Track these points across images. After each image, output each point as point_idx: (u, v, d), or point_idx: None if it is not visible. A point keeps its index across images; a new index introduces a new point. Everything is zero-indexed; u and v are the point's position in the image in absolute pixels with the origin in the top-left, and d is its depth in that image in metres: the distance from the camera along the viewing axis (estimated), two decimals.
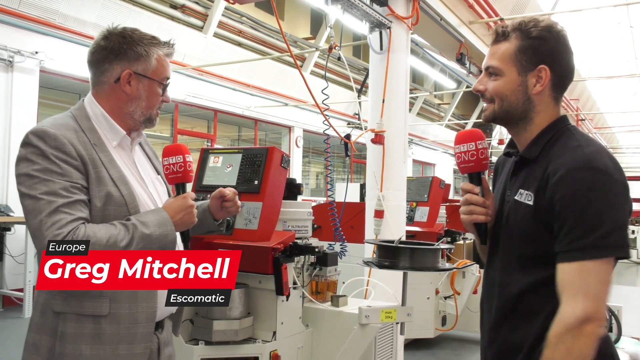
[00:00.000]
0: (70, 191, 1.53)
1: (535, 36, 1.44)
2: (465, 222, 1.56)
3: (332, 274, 3.14)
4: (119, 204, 1.62)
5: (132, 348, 1.61)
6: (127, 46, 1.69)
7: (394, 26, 4.18)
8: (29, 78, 7.30)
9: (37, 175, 1.52)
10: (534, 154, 1.46)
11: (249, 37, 11.05)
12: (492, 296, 1.54)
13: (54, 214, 1.49)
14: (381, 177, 4.07)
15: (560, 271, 1.34)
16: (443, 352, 5.53)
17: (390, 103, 4.12)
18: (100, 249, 1.50)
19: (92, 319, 1.57)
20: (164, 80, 1.75)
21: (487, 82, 1.51)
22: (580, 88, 14.58)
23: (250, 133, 12.65)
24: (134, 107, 1.72)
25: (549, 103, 1.49)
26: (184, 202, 1.70)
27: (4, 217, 6.53)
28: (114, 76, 1.70)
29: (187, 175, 1.76)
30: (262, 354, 2.66)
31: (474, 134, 1.54)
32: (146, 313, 1.63)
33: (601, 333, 1.30)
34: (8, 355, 4.97)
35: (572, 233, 1.31)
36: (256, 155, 2.83)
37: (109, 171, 1.63)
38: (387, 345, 3.10)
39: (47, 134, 1.56)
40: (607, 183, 1.32)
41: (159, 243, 1.61)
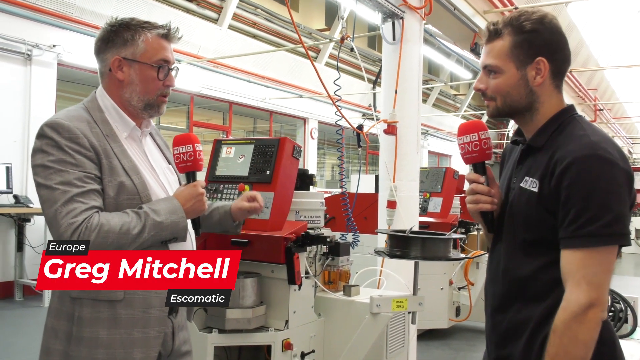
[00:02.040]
0: (84, 181, 1.58)
1: (529, 29, 1.46)
2: (472, 211, 1.60)
3: (345, 263, 3.16)
4: (131, 193, 1.66)
5: (147, 332, 1.66)
6: (114, 34, 1.73)
7: (407, 16, 4.16)
8: (47, 71, 7.39)
9: (52, 166, 1.57)
10: (541, 142, 1.49)
11: (264, 29, 11.06)
12: (496, 280, 1.58)
13: (69, 203, 1.53)
14: (394, 168, 4.07)
15: (564, 258, 1.37)
16: (457, 342, 5.53)
17: (403, 94, 4.11)
18: (113, 236, 1.55)
19: (107, 304, 1.62)
20: (158, 62, 1.75)
21: (487, 80, 1.54)
22: (599, 77, 14.36)
23: (265, 125, 12.69)
24: (129, 93, 1.74)
25: (552, 92, 1.52)
26: (194, 190, 1.73)
27: (24, 208, 6.65)
28: (108, 65, 1.74)
29: (197, 164, 1.79)
30: (275, 342, 2.69)
31: (476, 125, 1.58)
32: (159, 298, 1.65)
33: (604, 317, 1.35)
34: (29, 343, 5.08)
35: (577, 221, 1.34)
36: (268, 146, 2.85)
37: (121, 161, 1.67)
38: (399, 334, 3.12)
39: (61, 126, 1.61)
40: (612, 172, 1.35)
41: (170, 230, 1.66)
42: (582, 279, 1.33)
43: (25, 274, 6.93)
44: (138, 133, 1.80)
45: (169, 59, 1.78)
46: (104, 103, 1.76)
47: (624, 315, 4.74)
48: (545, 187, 1.41)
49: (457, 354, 5.19)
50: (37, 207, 6.72)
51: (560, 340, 1.33)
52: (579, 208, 1.34)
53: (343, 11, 4.15)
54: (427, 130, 16.83)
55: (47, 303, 6.19)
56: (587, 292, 1.32)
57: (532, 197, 1.44)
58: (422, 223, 4.90)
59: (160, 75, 1.75)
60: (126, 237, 1.58)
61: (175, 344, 1.80)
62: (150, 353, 1.67)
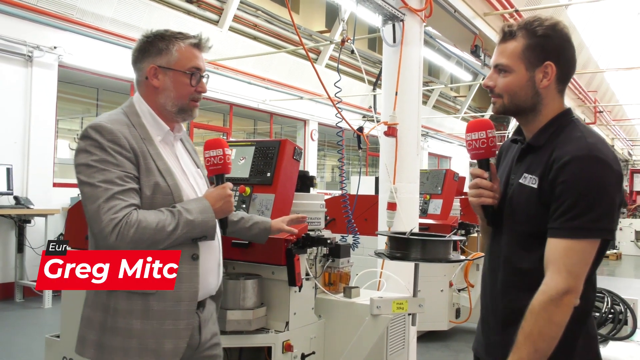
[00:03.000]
0: (124, 180, 1.71)
1: (542, 34, 1.56)
2: (474, 204, 1.70)
3: (345, 265, 3.16)
4: (165, 193, 1.79)
5: (177, 324, 1.77)
6: (150, 44, 1.86)
7: (407, 18, 4.17)
8: (48, 73, 7.40)
9: (95, 165, 1.69)
10: (541, 142, 1.60)
11: (265, 30, 11.07)
12: (496, 269, 1.69)
13: (110, 200, 1.65)
14: (394, 170, 4.08)
15: (549, 245, 1.49)
16: (457, 344, 5.54)
17: (403, 96, 4.11)
18: (150, 232, 1.67)
19: (141, 297, 1.73)
20: (190, 70, 1.87)
21: (496, 78, 1.63)
22: (599, 80, 14.36)
23: (265, 126, 12.69)
24: (164, 99, 1.87)
25: (555, 95, 1.62)
26: (223, 192, 1.86)
27: (24, 209, 6.66)
28: (144, 73, 1.87)
29: (226, 167, 1.91)
30: (275, 344, 2.69)
31: (485, 123, 1.67)
32: (189, 292, 1.79)
33: (576, 303, 1.46)
34: (29, 344, 5.09)
35: (567, 214, 1.46)
36: (269, 148, 2.86)
37: (156, 163, 1.80)
38: (399, 336, 3.12)
39: (105, 129, 1.74)
40: (605, 172, 1.46)
41: (201, 228, 1.78)
42: (563, 267, 1.45)
43: (26, 275, 6.94)
44: (171, 137, 1.93)
45: (201, 67, 1.91)
46: (141, 108, 1.88)
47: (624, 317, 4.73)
48: (544, 183, 1.52)
49: (457, 355, 5.20)
50: (37, 208, 6.74)
51: (536, 320, 1.45)
52: (570, 202, 1.45)
53: (343, 13, 4.16)
54: (427, 132, 16.83)
55: (48, 304, 6.18)
56: (566, 279, 1.44)
57: (532, 193, 1.55)
58: (422, 225, 4.91)
59: (193, 81, 1.88)
60: (161, 234, 1.70)
61: (202, 338, 1.91)
62: (180, 344, 1.78)
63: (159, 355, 1.75)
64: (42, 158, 7.33)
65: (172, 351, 1.77)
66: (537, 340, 1.45)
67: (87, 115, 10.34)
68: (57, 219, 7.07)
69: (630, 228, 15.82)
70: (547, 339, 1.45)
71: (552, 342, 1.46)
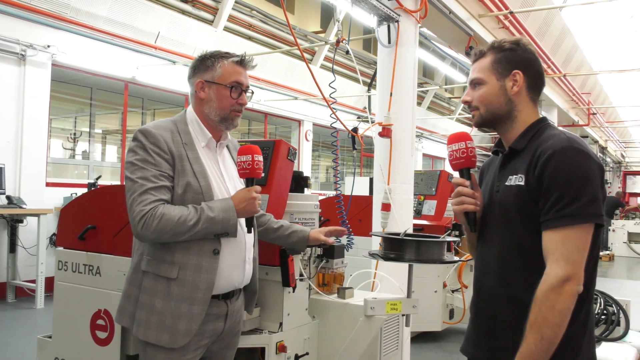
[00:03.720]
0: (158, 178, 1.96)
1: (507, 48, 1.75)
2: (457, 212, 1.80)
3: (339, 266, 3.15)
4: (196, 192, 2.01)
5: (192, 308, 2.00)
6: (200, 62, 2.14)
7: (402, 19, 4.17)
8: (41, 72, 7.36)
9: (137, 164, 1.97)
10: (522, 145, 1.71)
11: (259, 30, 11.06)
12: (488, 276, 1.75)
13: (143, 195, 1.92)
14: (388, 171, 4.08)
15: (545, 239, 1.56)
16: (450, 345, 5.54)
17: (398, 97, 4.12)
18: (172, 224, 1.91)
19: (165, 280, 2.00)
20: (231, 84, 2.11)
21: (472, 93, 1.79)
22: (592, 82, 14.42)
23: (260, 127, 12.68)
24: (208, 109, 2.12)
25: (528, 103, 1.76)
26: (248, 194, 2.04)
27: (17, 209, 6.61)
28: (194, 87, 2.15)
29: (254, 172, 2.08)
30: (269, 345, 2.68)
31: (463, 136, 1.81)
32: (206, 283, 2.01)
33: (579, 290, 1.52)
34: (22, 344, 5.06)
35: (557, 205, 1.53)
36: (263, 148, 2.84)
37: (192, 165, 2.04)
38: (392, 337, 3.12)
39: (149, 132, 2.01)
40: (587, 162, 1.56)
41: (222, 225, 1.99)
42: (561, 256, 1.51)
43: (18, 275, 6.90)
44: (214, 144, 2.17)
45: (242, 82, 2.15)
46: (190, 117, 2.16)
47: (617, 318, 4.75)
48: (530, 178, 1.60)
49: (451, 356, 5.20)
50: (29, 208, 6.70)
51: (540, 308, 1.50)
52: (558, 193, 1.53)
53: (339, 14, 4.15)
54: (422, 133, 16.86)
55: (40, 305, 6.14)
56: (565, 267, 1.50)
57: (520, 190, 1.63)
58: (416, 226, 4.91)
59: (234, 94, 2.12)
60: (182, 227, 1.92)
61: (227, 325, 2.16)
62: (192, 326, 2.00)
63: (173, 333, 1.98)
64: (35, 157, 7.29)
65: (185, 331, 1.99)
66: (542, 327, 1.50)
67: (80, 115, 10.29)
68: (49, 219, 7.03)
69: (623, 229, 15.92)
70: (551, 325, 1.49)
71: (558, 329, 1.50)
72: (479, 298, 1.79)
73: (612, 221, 16.28)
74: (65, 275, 2.94)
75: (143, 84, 8.95)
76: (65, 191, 7.67)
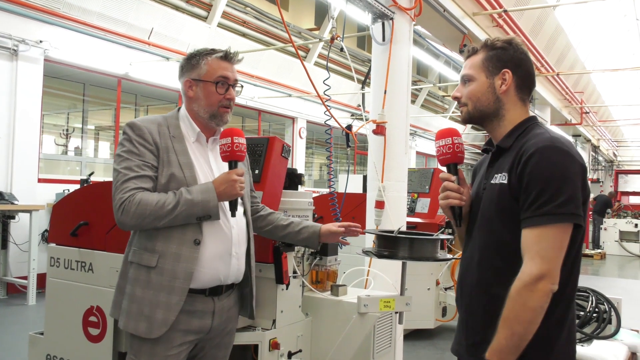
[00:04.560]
0: (141, 168, 2.00)
1: (499, 47, 1.76)
2: (443, 206, 1.83)
3: (332, 263, 3.15)
4: (180, 183, 2.02)
5: (170, 298, 2.00)
6: (186, 62, 2.17)
7: (397, 17, 4.17)
8: (34, 67, 7.31)
9: (123, 155, 2.01)
10: (508, 143, 1.72)
11: (253, 27, 11.02)
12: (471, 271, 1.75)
13: (124, 183, 1.96)
14: (382, 168, 4.08)
15: (523, 237, 1.57)
16: (443, 342, 5.56)
17: (392, 94, 4.11)
18: (150, 208, 1.93)
19: (145, 269, 2.02)
20: (217, 79, 2.11)
21: (462, 89, 1.81)
22: (585, 81, 14.48)
23: (253, 124, 12.65)
24: (197, 107, 2.15)
25: (516, 102, 1.77)
26: (228, 176, 2.03)
27: (9, 205, 6.57)
28: (183, 87, 2.17)
29: (234, 154, 2.05)
30: (262, 342, 2.68)
31: (451, 132, 1.83)
32: (185, 272, 2.01)
33: (554, 289, 1.52)
34: (14, 341, 5.03)
35: (535, 203, 1.54)
36: (257, 145, 2.84)
37: (178, 157, 2.06)
38: (386, 334, 3.12)
39: (135, 125, 2.06)
40: (567, 161, 1.56)
41: (202, 207, 1.98)
42: (536, 254, 1.52)
43: (10, 272, 6.86)
44: (203, 139, 2.18)
45: (228, 76, 2.14)
46: (182, 114, 2.20)
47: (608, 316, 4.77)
48: (512, 177, 1.61)
49: (443, 354, 5.22)
50: (21, 204, 6.66)
51: (513, 304, 1.52)
52: (537, 191, 1.54)
53: (333, 11, 4.14)
54: (415, 131, 16.88)
55: (32, 301, 6.09)
56: (539, 264, 1.50)
57: (503, 187, 1.64)
58: (409, 223, 4.92)
59: (220, 90, 2.12)
60: (161, 211, 1.94)
61: (214, 323, 2.12)
62: (169, 316, 1.99)
63: (150, 322, 1.98)
64: (27, 153, 7.25)
65: (162, 321, 1.99)
66: (513, 323, 1.51)
67: (73, 111, 10.23)
68: (41, 215, 6.99)
69: (615, 228, 16.02)
70: (522, 322, 1.50)
71: (529, 326, 1.51)
72: (462, 294, 1.81)
73: (604, 220, 16.38)
74: (57, 272, 2.92)
75: (136, 80, 8.91)
76: (58, 187, 7.62)
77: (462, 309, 1.82)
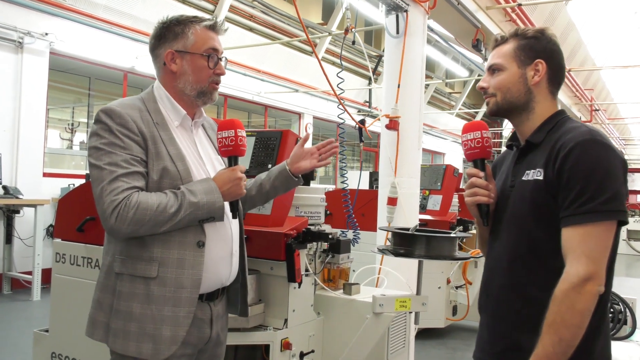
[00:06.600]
0: (130, 163, 1.70)
1: (531, 36, 1.67)
2: (469, 204, 1.73)
3: (345, 261, 3.08)
4: (174, 178, 1.76)
5: (177, 311, 1.74)
6: (166, 29, 1.85)
7: (411, 9, 4.07)
8: (39, 60, 7.24)
9: (103, 148, 1.71)
10: (539, 138, 1.63)
11: (260, 21, 10.94)
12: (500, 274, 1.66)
13: (113, 182, 1.66)
14: (395, 164, 3.99)
15: (565, 235, 1.48)
16: (453, 341, 5.48)
17: (405, 89, 4.02)
18: (151, 213, 1.66)
19: (143, 281, 1.74)
20: (207, 51, 1.85)
21: (489, 79, 1.71)
22: (595, 78, 14.35)
23: (260, 119, 12.59)
24: (183, 83, 1.86)
25: (547, 95, 1.68)
26: (233, 174, 1.80)
27: (13, 199, 6.51)
28: (162, 59, 1.86)
29: (237, 149, 1.83)
30: (273, 342, 2.61)
31: (480, 125, 1.74)
32: (191, 280, 1.76)
33: (601, 291, 1.44)
34: (18, 336, 4.97)
35: (578, 200, 1.45)
36: (270, 139, 2.76)
37: (167, 148, 1.78)
38: (400, 334, 3.04)
39: (114, 112, 1.74)
40: (609, 155, 1.48)
41: (207, 209, 1.74)
42: (582, 254, 1.43)
43: (14, 267, 6.82)
44: (189, 122, 1.90)
45: (218, 48, 1.89)
46: (159, 94, 1.88)
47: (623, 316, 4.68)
48: (549, 173, 1.52)
49: (454, 353, 5.14)
50: (26, 198, 6.60)
51: (559, 308, 1.43)
52: (580, 188, 1.45)
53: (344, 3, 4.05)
54: None
55: (37, 297, 6.03)
56: (586, 265, 1.42)
57: (538, 184, 1.55)
58: (421, 221, 4.83)
59: (211, 63, 1.86)
60: (163, 215, 1.68)
61: (213, 332, 1.89)
62: (179, 332, 1.75)
63: (157, 341, 1.73)
64: (32, 147, 7.19)
65: (170, 338, 1.74)
66: (561, 328, 1.42)
67: (78, 105, 10.18)
68: (46, 210, 6.93)
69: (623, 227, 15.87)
70: (570, 327, 1.42)
71: (577, 330, 1.43)
72: (488, 298, 1.71)
73: None
74: (62, 268, 2.87)
75: (142, 74, 8.82)
76: (63, 182, 7.58)
77: (487, 313, 1.72)
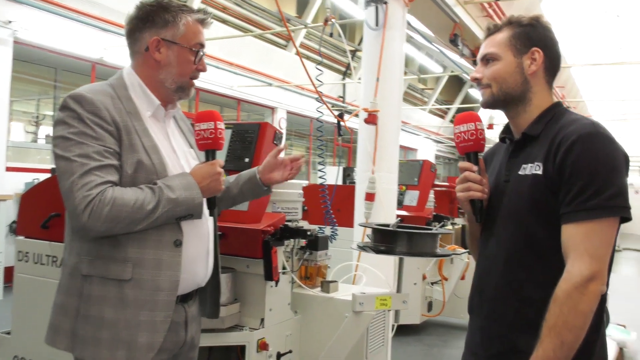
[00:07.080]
0: (103, 155, 1.58)
1: (527, 24, 1.61)
2: (462, 199, 1.65)
3: (323, 258, 3.00)
4: (149, 172, 1.65)
5: (154, 315, 1.64)
6: (154, 14, 1.71)
7: (391, 1, 4.01)
8: (2, 49, 6.96)
9: (73, 138, 1.56)
10: (537, 131, 1.57)
11: (234, 14, 10.77)
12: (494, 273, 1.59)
13: (85, 176, 1.53)
14: (373, 159, 3.92)
15: (566, 232, 1.42)
16: (429, 338, 5.47)
17: (384, 82, 3.96)
18: (127, 210, 1.54)
19: (116, 283, 1.61)
20: (195, 46, 1.75)
21: (483, 70, 1.63)
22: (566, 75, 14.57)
23: (232, 113, 12.42)
24: (164, 75, 1.74)
25: (544, 85, 1.61)
26: (212, 169, 1.72)
27: None
28: (144, 45, 1.72)
29: (217, 142, 1.76)
30: (250, 342, 2.52)
31: (473, 116, 1.65)
32: (169, 282, 1.66)
33: (603, 291, 1.39)
34: None
35: (581, 195, 1.39)
36: (247, 131, 2.66)
37: (141, 139, 1.66)
38: (379, 333, 2.98)
39: (85, 99, 1.60)
40: (614, 149, 1.43)
41: (186, 206, 1.64)
42: (585, 252, 1.38)
43: None
44: (162, 113, 1.79)
45: (204, 44, 1.80)
46: (130, 81, 1.75)
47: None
48: (549, 167, 1.46)
49: (431, 350, 5.13)
50: None
51: (561, 309, 1.37)
52: (583, 183, 1.40)
53: None
54: None
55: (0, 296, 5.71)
56: (590, 264, 1.37)
57: (537, 178, 1.49)
58: (398, 217, 4.78)
59: (196, 59, 1.76)
60: (140, 212, 1.57)
61: (187, 335, 1.80)
62: (156, 338, 1.65)
63: (132, 348, 1.61)
64: None
65: (147, 345, 1.63)
66: (563, 331, 1.36)
67: (43, 97, 9.88)
68: (9, 205, 6.70)
69: None
70: (573, 329, 1.36)
71: (579, 332, 1.37)
72: (482, 299, 1.64)
73: None
74: (26, 267, 2.75)
75: (111, 66, 8.57)
76: (27, 176, 7.35)
77: (480, 315, 1.64)
